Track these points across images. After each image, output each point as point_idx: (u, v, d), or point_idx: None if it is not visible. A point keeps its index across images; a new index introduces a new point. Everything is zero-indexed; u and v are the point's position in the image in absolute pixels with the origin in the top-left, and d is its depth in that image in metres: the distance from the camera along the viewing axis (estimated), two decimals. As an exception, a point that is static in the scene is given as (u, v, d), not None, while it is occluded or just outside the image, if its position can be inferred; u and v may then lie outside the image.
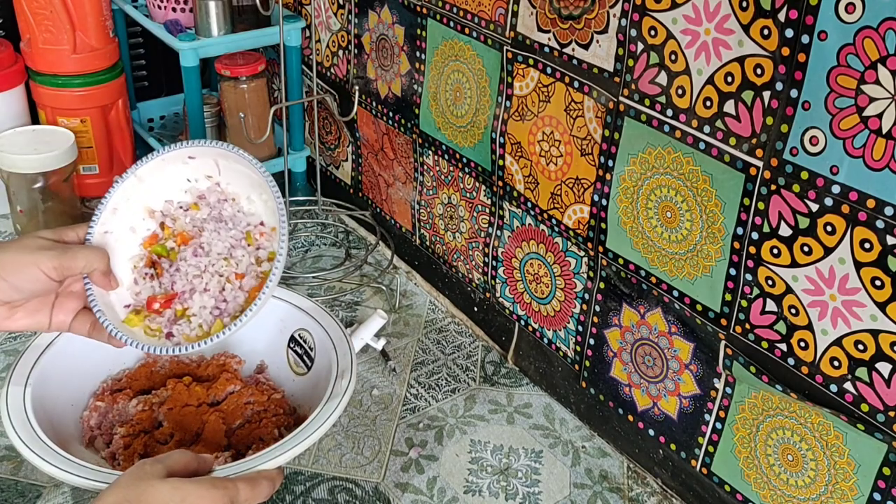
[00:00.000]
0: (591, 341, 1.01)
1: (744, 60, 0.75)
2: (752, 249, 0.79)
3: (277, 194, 0.82)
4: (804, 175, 0.73)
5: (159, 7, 1.33)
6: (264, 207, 0.87)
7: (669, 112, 0.83)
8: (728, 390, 0.86)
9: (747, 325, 0.82)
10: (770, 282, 0.79)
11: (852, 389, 0.74)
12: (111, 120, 1.43)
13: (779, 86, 0.73)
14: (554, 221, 1.01)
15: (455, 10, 1.06)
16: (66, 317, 0.80)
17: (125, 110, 1.45)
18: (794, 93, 0.72)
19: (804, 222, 0.74)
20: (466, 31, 1.06)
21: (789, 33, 0.71)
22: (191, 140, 0.86)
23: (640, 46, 0.84)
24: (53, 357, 0.91)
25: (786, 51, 0.71)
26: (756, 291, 0.80)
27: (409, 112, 1.21)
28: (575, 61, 0.92)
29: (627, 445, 1.01)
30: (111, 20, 1.39)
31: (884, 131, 0.66)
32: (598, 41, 0.88)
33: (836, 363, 0.75)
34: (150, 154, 0.85)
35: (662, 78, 0.83)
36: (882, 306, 0.70)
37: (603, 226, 0.94)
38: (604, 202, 0.93)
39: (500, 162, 1.07)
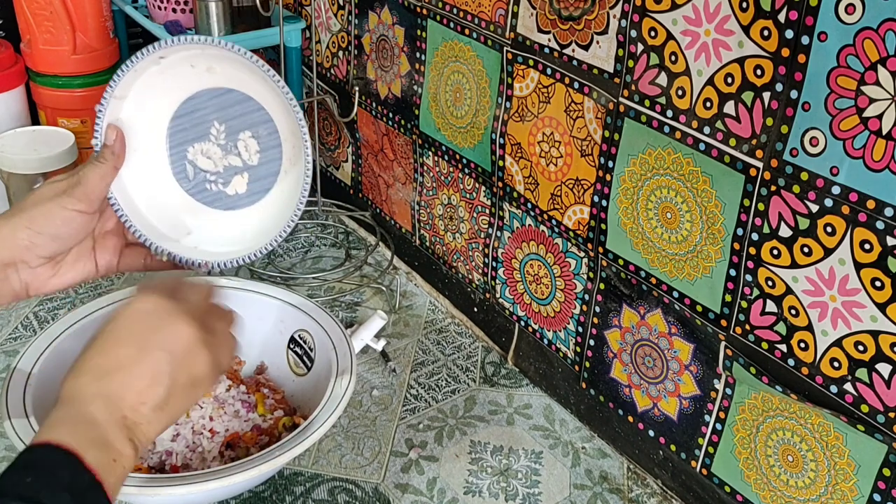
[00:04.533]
0: (591, 342, 1.01)
1: (744, 61, 0.75)
2: (752, 250, 0.79)
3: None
4: (804, 176, 0.73)
5: (159, 8, 1.34)
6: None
7: (669, 113, 0.83)
8: (728, 391, 0.86)
9: (747, 326, 0.82)
10: (770, 283, 0.79)
11: (852, 390, 0.74)
12: (111, 120, 1.43)
13: (779, 87, 0.73)
14: (554, 222, 1.02)
15: (455, 11, 1.06)
16: (112, 256, 0.80)
17: (125, 111, 1.45)
18: (794, 94, 0.72)
19: (804, 223, 0.74)
20: (466, 32, 1.06)
21: (789, 34, 0.71)
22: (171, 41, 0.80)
23: (640, 47, 0.84)
24: (53, 357, 0.91)
25: (786, 52, 0.71)
26: (756, 292, 0.80)
27: (409, 113, 1.21)
28: (575, 62, 0.92)
29: (627, 446, 1.01)
30: (111, 21, 1.39)
31: (884, 132, 0.66)
32: (598, 42, 0.88)
33: (836, 364, 0.75)
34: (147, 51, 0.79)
35: (662, 79, 0.83)
36: (882, 307, 0.70)
37: (603, 227, 0.94)
38: (604, 203, 0.93)
39: (500, 163, 1.07)
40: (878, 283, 0.70)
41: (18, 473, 0.56)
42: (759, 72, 0.74)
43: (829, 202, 0.71)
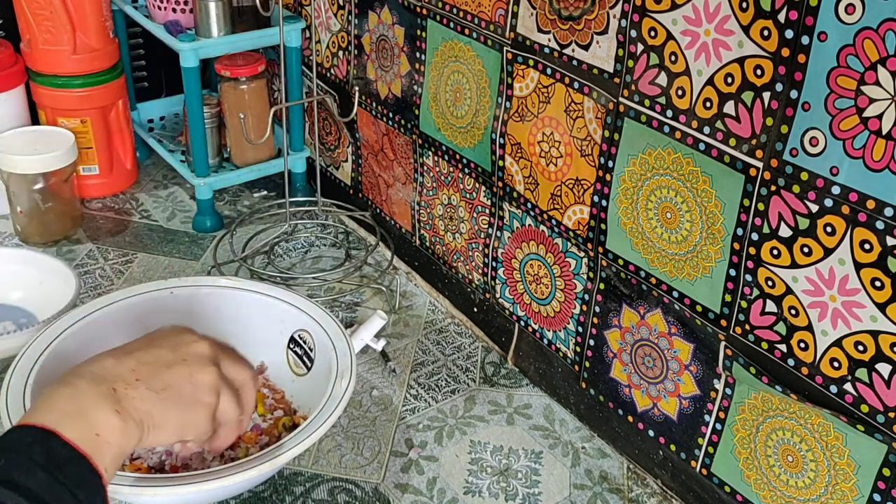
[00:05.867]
0: (591, 342, 1.01)
1: (744, 61, 0.75)
2: (752, 250, 0.79)
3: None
4: (804, 176, 0.73)
5: (159, 8, 1.34)
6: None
7: (669, 113, 0.83)
8: (728, 391, 0.86)
9: (747, 326, 0.82)
10: (770, 282, 0.79)
11: (852, 390, 0.74)
12: (111, 120, 1.43)
13: (779, 87, 0.73)
14: (554, 222, 1.02)
15: (455, 10, 1.06)
16: None
17: (125, 111, 1.45)
18: (793, 94, 0.72)
19: (804, 223, 0.74)
20: (466, 31, 1.06)
21: (789, 34, 0.71)
22: None
23: (640, 47, 0.84)
24: (53, 357, 0.91)
25: (786, 52, 0.71)
26: (756, 292, 0.80)
27: (409, 113, 1.21)
28: (575, 62, 0.92)
29: (627, 446, 1.01)
30: (111, 21, 1.39)
31: (884, 132, 0.66)
32: (598, 42, 0.88)
33: (835, 364, 0.75)
34: None
35: (662, 79, 0.83)
36: (882, 307, 0.70)
37: (603, 226, 0.94)
38: (604, 203, 0.93)
39: (500, 163, 1.07)
40: (878, 283, 0.70)
41: None
42: (759, 72, 0.74)
43: (829, 202, 0.71)
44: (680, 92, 0.81)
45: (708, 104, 0.79)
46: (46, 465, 0.54)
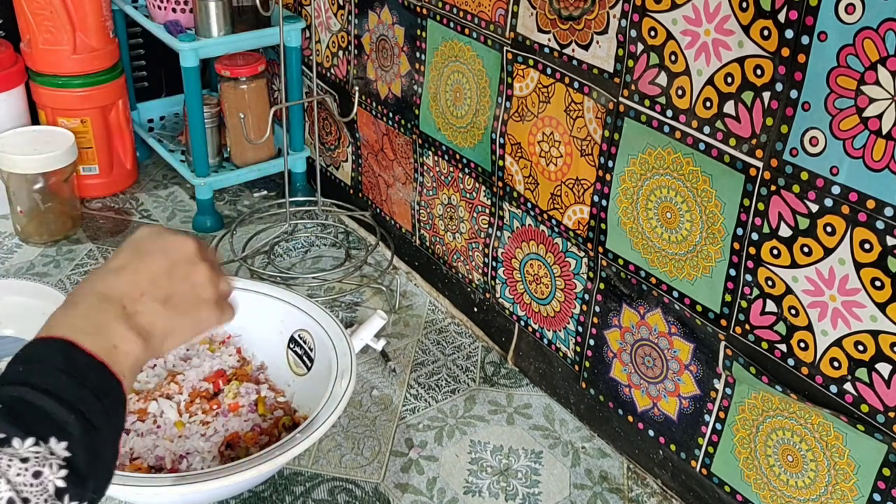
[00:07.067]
0: (591, 342, 1.01)
1: (744, 61, 0.75)
2: (752, 250, 0.79)
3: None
4: (804, 176, 0.73)
5: (159, 7, 1.33)
6: None
7: (669, 113, 0.83)
8: (728, 391, 0.86)
9: (747, 326, 0.82)
10: (770, 282, 0.79)
11: (852, 390, 0.74)
12: (111, 120, 1.43)
13: (779, 86, 0.73)
14: (554, 222, 1.01)
15: (455, 10, 1.06)
16: None
17: (125, 111, 1.45)
18: (793, 93, 0.72)
19: (804, 223, 0.74)
20: (466, 31, 1.06)
21: (789, 34, 0.71)
22: None
23: (640, 47, 0.84)
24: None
25: (786, 51, 0.71)
26: (756, 292, 0.80)
27: (409, 113, 1.21)
28: (575, 62, 0.92)
29: (627, 446, 1.01)
30: (111, 21, 1.39)
31: (884, 132, 0.66)
32: (598, 42, 0.88)
33: (835, 364, 0.75)
34: None
35: (662, 79, 0.83)
36: (882, 307, 0.70)
37: (603, 226, 0.94)
38: (604, 203, 0.93)
39: (500, 162, 1.07)
40: (878, 283, 0.70)
41: (10, 367, 0.55)
42: (759, 71, 0.74)
43: (829, 202, 0.71)
44: (680, 92, 0.81)
45: (708, 104, 0.79)
46: (68, 370, 0.55)
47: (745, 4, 0.73)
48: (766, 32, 0.72)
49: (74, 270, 1.28)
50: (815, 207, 0.73)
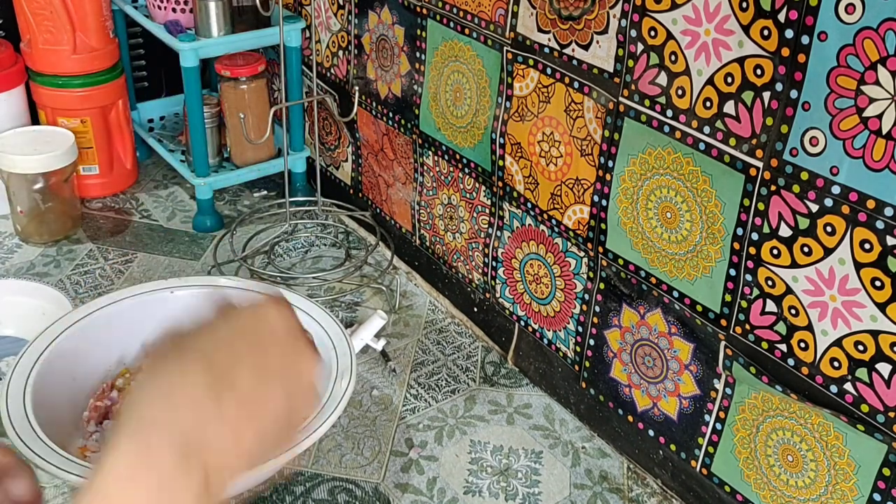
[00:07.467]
0: (591, 342, 1.01)
1: (744, 61, 0.75)
2: (752, 250, 0.79)
3: None
4: (804, 176, 0.73)
5: (159, 7, 1.33)
6: None
7: (669, 113, 0.83)
8: (728, 391, 0.86)
9: (747, 326, 0.82)
10: (770, 282, 0.79)
11: (852, 390, 0.74)
12: (111, 120, 1.43)
13: (779, 86, 0.73)
14: (554, 222, 1.01)
15: (455, 10, 1.06)
16: None
17: (125, 111, 1.45)
18: (793, 93, 0.72)
19: (804, 223, 0.74)
20: (466, 31, 1.06)
21: (789, 34, 0.71)
22: None
23: (640, 47, 0.84)
24: (53, 357, 0.91)
25: (786, 51, 0.71)
26: (756, 292, 0.80)
27: (409, 112, 1.21)
28: (575, 62, 0.92)
29: (627, 446, 1.01)
30: (111, 21, 1.39)
31: (884, 132, 0.66)
32: (598, 42, 0.88)
33: (836, 364, 0.75)
34: None
35: (662, 78, 0.83)
36: (882, 307, 0.70)
37: (603, 226, 0.94)
38: (604, 203, 0.93)
39: (500, 162, 1.07)
40: (878, 283, 0.70)
41: None
42: (759, 71, 0.74)
43: (829, 202, 0.71)
44: (680, 92, 0.81)
45: (708, 104, 0.79)
46: None
47: (745, 4, 0.73)
48: (766, 32, 0.72)
49: (74, 270, 1.28)
50: (815, 207, 0.73)
